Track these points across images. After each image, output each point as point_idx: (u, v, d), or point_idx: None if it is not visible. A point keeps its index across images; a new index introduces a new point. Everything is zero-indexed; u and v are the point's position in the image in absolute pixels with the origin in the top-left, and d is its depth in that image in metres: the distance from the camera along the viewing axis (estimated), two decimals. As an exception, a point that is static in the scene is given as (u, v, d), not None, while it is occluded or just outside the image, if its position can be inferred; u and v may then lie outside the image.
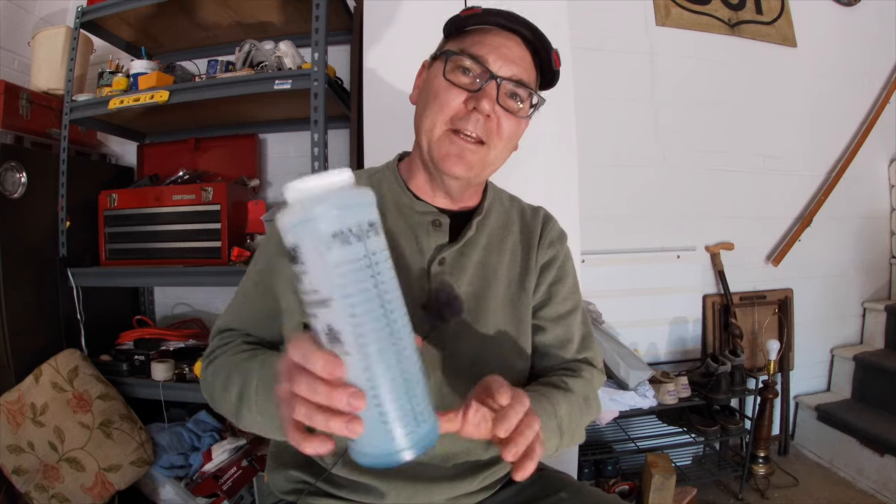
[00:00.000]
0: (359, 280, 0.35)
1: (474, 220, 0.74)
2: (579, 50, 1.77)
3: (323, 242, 0.34)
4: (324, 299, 0.35)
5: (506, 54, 0.66)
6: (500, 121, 0.67)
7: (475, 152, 0.67)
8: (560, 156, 1.46)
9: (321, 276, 0.35)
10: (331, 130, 1.48)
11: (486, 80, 0.65)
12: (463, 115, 0.66)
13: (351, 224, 0.35)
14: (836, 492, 1.82)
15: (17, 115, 1.66)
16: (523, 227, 0.80)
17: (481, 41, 0.67)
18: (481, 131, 0.66)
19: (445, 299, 0.68)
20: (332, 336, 0.36)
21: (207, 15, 1.75)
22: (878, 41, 2.30)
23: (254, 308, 0.73)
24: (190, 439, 1.64)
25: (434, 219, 0.72)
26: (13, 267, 1.56)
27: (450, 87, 0.66)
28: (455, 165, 0.67)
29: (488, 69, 0.66)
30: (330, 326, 0.36)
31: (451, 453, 0.71)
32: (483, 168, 0.70)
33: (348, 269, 0.35)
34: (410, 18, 1.44)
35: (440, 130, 0.67)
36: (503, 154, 0.71)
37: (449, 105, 0.66)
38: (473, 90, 0.66)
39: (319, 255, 0.35)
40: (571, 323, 0.78)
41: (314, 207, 0.35)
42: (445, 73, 0.67)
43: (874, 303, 2.27)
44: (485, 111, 0.65)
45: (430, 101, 0.68)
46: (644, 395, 1.68)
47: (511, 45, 0.67)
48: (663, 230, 2.07)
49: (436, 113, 0.67)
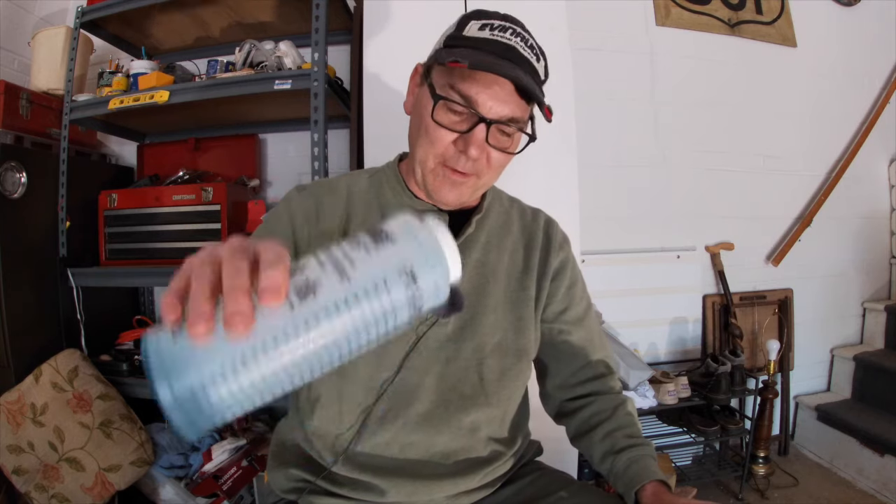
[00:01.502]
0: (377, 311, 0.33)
1: (474, 218, 0.75)
2: (579, 50, 1.77)
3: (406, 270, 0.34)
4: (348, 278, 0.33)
5: (497, 93, 0.63)
6: (489, 157, 0.67)
7: (465, 183, 0.68)
8: (560, 156, 1.46)
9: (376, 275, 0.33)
10: (331, 130, 1.48)
11: (475, 122, 0.64)
12: (452, 153, 0.66)
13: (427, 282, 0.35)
14: (836, 492, 1.82)
15: (17, 115, 1.66)
16: (523, 228, 0.80)
17: (472, 76, 0.63)
18: (470, 168, 0.66)
19: None
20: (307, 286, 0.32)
21: (207, 15, 1.75)
22: (878, 41, 2.31)
23: None
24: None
25: None
26: (13, 267, 1.56)
27: (438, 128, 0.65)
28: (448, 195, 0.68)
29: (477, 112, 0.63)
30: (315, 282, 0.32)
31: (452, 451, 0.71)
32: (474, 192, 0.71)
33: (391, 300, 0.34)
34: (410, 18, 1.44)
35: (433, 164, 0.68)
36: (494, 177, 0.72)
37: (438, 143, 0.66)
38: (461, 131, 0.64)
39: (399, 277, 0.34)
40: (589, 323, 0.82)
41: (450, 255, 0.36)
42: (434, 115, 0.65)
43: (874, 303, 2.27)
44: (472, 157, 0.64)
45: (420, 132, 0.68)
46: (644, 395, 1.68)
47: (503, 81, 0.63)
48: (663, 230, 2.07)
49: (427, 148, 0.67)
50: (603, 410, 0.78)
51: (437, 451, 0.70)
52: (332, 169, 1.59)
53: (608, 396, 0.80)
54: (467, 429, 0.71)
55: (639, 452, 0.71)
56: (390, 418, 0.69)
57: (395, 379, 0.68)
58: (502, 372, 0.73)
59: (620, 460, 0.72)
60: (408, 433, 0.69)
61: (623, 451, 0.72)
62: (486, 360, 0.72)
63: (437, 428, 0.70)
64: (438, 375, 0.70)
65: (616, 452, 0.73)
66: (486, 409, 0.72)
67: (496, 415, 0.74)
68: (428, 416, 0.69)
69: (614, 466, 0.72)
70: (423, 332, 0.69)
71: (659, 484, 0.67)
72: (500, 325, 0.73)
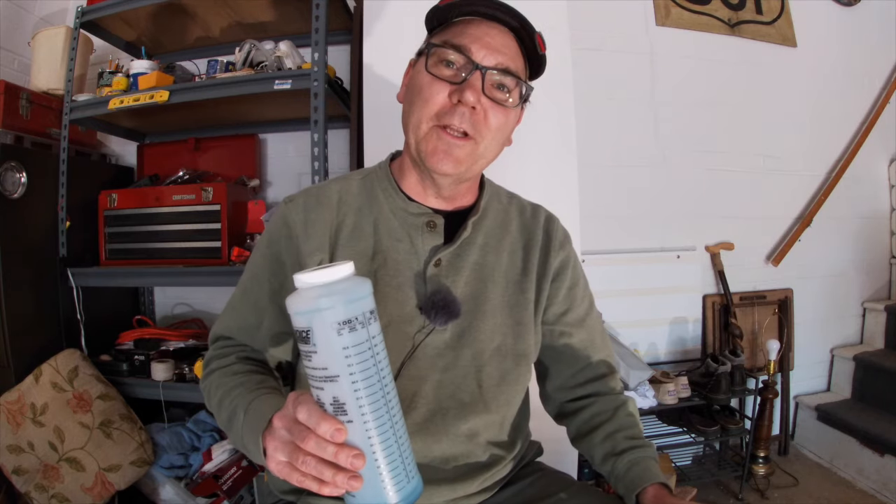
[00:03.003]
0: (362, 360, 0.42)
1: (470, 220, 0.73)
2: (579, 50, 1.77)
3: (334, 329, 0.41)
4: (332, 376, 0.41)
5: (489, 43, 0.64)
6: (486, 112, 0.65)
7: (462, 147, 0.65)
8: (560, 156, 1.46)
9: (330, 357, 0.41)
10: (331, 130, 1.49)
11: (470, 70, 0.63)
12: (448, 109, 0.64)
13: (357, 314, 0.42)
14: (836, 492, 1.82)
15: (17, 115, 1.66)
16: (522, 227, 0.78)
17: (463, 31, 0.65)
18: (468, 125, 0.64)
19: (442, 302, 0.67)
20: (336, 405, 0.42)
21: (207, 15, 1.75)
22: (878, 41, 2.30)
23: (241, 320, 0.74)
24: (190, 439, 1.64)
25: (428, 220, 0.71)
26: (13, 267, 1.56)
27: (433, 81, 0.64)
28: (442, 162, 0.65)
29: (471, 59, 0.63)
30: (335, 398, 0.42)
31: (451, 455, 0.70)
32: (473, 162, 0.68)
33: (354, 351, 0.41)
34: (410, 18, 1.43)
35: (426, 127, 0.65)
36: (493, 147, 0.69)
37: (433, 99, 0.64)
38: (457, 82, 0.64)
39: (330, 340, 0.41)
40: (591, 323, 0.81)
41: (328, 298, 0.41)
42: (428, 67, 0.65)
43: (874, 303, 2.27)
44: (469, 103, 0.63)
45: (414, 97, 0.67)
46: (644, 395, 1.68)
47: (494, 33, 0.65)
48: (663, 230, 2.07)
49: (421, 109, 0.65)
50: (604, 411, 0.77)
51: (436, 456, 0.69)
52: (332, 169, 1.60)
53: (609, 397, 0.79)
54: (465, 435, 0.70)
55: (640, 454, 0.71)
56: None
57: None
58: (501, 377, 0.72)
59: (621, 462, 0.71)
60: None
61: (624, 452, 0.71)
62: (485, 367, 0.70)
63: (435, 436, 0.69)
64: (436, 383, 0.69)
65: (617, 454, 0.72)
66: (484, 416, 0.71)
67: (495, 420, 0.73)
68: (425, 425, 0.68)
69: (615, 468, 0.72)
70: (421, 339, 0.68)
71: (660, 486, 0.66)
72: (499, 329, 0.72)
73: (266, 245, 0.74)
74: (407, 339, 0.68)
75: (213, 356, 0.74)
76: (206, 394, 0.71)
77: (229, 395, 0.65)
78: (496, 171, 0.79)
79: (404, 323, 0.68)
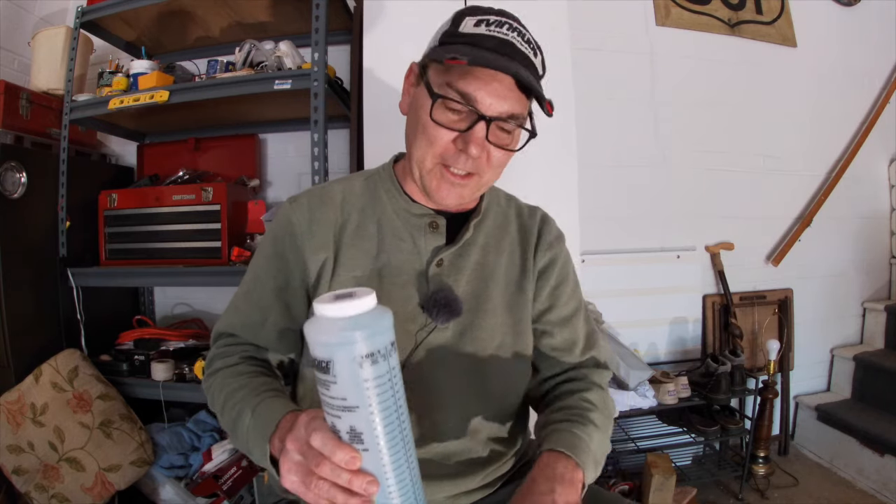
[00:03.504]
0: (382, 392, 0.42)
1: (472, 222, 0.74)
2: (579, 50, 1.77)
3: (357, 362, 0.40)
4: (350, 406, 0.42)
5: (496, 89, 0.62)
6: (490, 155, 0.66)
7: (466, 185, 0.67)
8: (560, 156, 1.46)
9: (351, 389, 0.41)
10: (331, 130, 1.48)
11: (475, 120, 0.62)
12: (452, 153, 0.65)
13: (380, 346, 0.41)
14: (836, 492, 1.82)
15: (17, 115, 1.66)
16: (520, 227, 0.79)
17: (470, 73, 0.61)
18: (471, 167, 0.65)
19: (444, 301, 0.68)
20: (353, 434, 0.42)
21: (207, 15, 1.75)
22: (878, 41, 2.31)
23: (245, 317, 0.74)
24: (190, 439, 1.64)
25: (431, 221, 0.72)
26: (13, 267, 1.56)
27: (437, 127, 0.64)
28: (447, 198, 0.67)
29: (476, 110, 0.62)
30: (353, 427, 0.42)
31: (452, 451, 0.71)
32: (475, 192, 0.70)
33: (374, 383, 0.41)
34: (410, 18, 1.43)
35: (430, 164, 0.66)
36: (495, 177, 0.71)
37: (437, 143, 0.65)
38: (461, 130, 0.63)
39: (351, 372, 0.40)
40: (576, 324, 0.79)
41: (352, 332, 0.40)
42: (432, 115, 0.63)
43: (874, 303, 2.27)
44: (473, 155, 0.63)
45: (418, 132, 0.66)
46: (644, 395, 1.68)
47: (502, 76, 0.61)
48: (663, 230, 2.07)
49: (425, 148, 0.66)
50: (563, 395, 0.75)
51: (438, 451, 0.70)
52: (332, 169, 1.59)
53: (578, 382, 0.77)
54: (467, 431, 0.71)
55: (562, 426, 0.67)
56: None
57: None
58: (502, 375, 0.73)
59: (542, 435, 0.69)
60: None
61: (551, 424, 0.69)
62: (486, 365, 0.71)
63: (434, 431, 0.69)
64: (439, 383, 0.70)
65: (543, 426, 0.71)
66: (485, 413, 0.72)
67: (496, 417, 0.73)
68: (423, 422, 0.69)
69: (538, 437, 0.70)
70: (423, 337, 0.69)
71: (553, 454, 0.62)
72: (500, 328, 0.72)
73: (270, 244, 0.74)
74: (409, 337, 0.69)
75: (217, 355, 0.74)
76: (209, 394, 0.71)
77: (234, 397, 0.65)
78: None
79: (406, 321, 0.69)
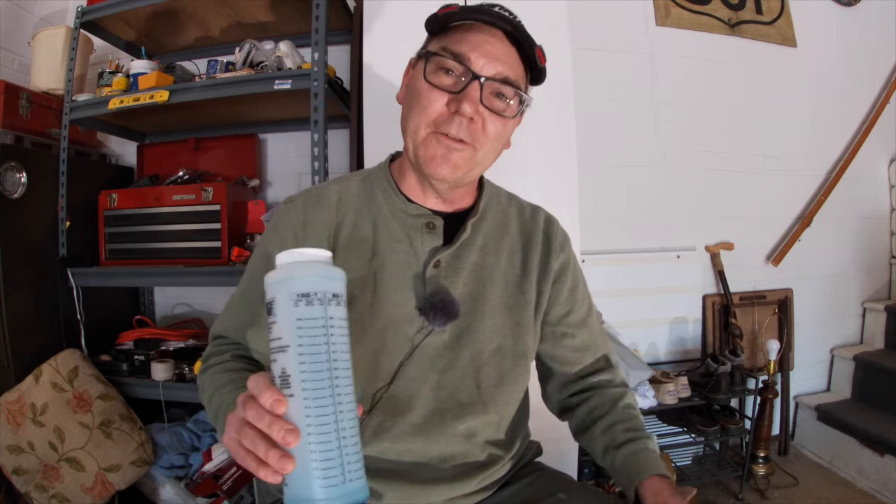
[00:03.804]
0: (313, 336, 0.43)
1: (469, 222, 0.73)
2: (579, 50, 1.77)
3: (291, 299, 0.43)
4: (283, 346, 0.43)
5: (489, 51, 0.63)
6: (485, 122, 0.65)
7: (461, 151, 0.65)
8: (560, 156, 1.46)
9: (285, 326, 0.43)
10: (331, 130, 1.49)
11: (469, 80, 0.63)
12: (446, 117, 0.64)
13: (317, 290, 0.43)
14: (836, 492, 1.82)
15: (17, 115, 1.66)
16: (521, 228, 0.78)
17: (463, 38, 0.64)
18: (465, 134, 0.64)
19: (441, 304, 0.67)
20: (283, 378, 0.43)
21: (207, 15, 1.75)
22: (878, 41, 2.30)
23: (237, 319, 0.75)
24: (190, 439, 1.64)
25: (428, 221, 0.71)
26: (13, 267, 1.56)
27: (431, 89, 0.64)
28: (440, 167, 0.65)
29: (470, 69, 0.63)
30: (283, 370, 0.43)
31: (449, 455, 0.70)
32: (470, 168, 0.68)
33: (306, 324, 0.42)
34: (410, 18, 1.42)
35: (424, 133, 0.65)
36: (491, 154, 0.69)
37: (431, 107, 0.64)
38: (455, 91, 0.64)
39: (286, 309, 0.43)
40: (592, 324, 0.82)
41: (293, 271, 0.44)
42: (426, 75, 0.65)
43: (874, 303, 2.27)
44: (467, 114, 0.63)
45: (413, 102, 0.67)
46: (644, 395, 1.68)
47: (494, 41, 0.64)
48: (663, 230, 2.07)
49: (419, 115, 0.65)
50: (602, 405, 0.78)
51: (434, 455, 0.70)
52: (332, 169, 1.60)
53: (608, 390, 0.80)
54: (463, 435, 0.70)
55: (638, 446, 0.71)
56: (386, 428, 0.68)
57: (389, 389, 0.67)
58: (500, 378, 0.72)
59: (620, 455, 0.71)
60: (403, 442, 0.68)
61: (623, 445, 0.72)
62: (484, 367, 0.71)
63: (433, 437, 0.69)
64: (435, 384, 0.69)
65: (616, 447, 0.72)
66: (483, 416, 0.71)
67: (493, 420, 0.73)
68: (423, 426, 0.68)
69: (615, 461, 0.72)
70: (420, 340, 0.68)
71: (660, 479, 0.66)
72: (499, 330, 0.72)
73: (264, 245, 0.75)
74: (406, 340, 0.68)
75: (211, 353, 0.76)
76: (200, 389, 0.73)
77: (220, 391, 0.66)
78: (496, 172, 0.79)
79: (403, 324, 0.68)
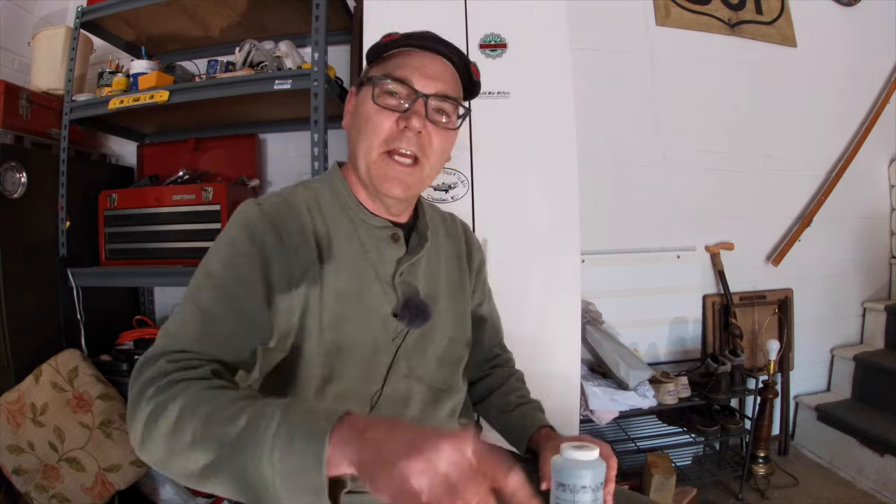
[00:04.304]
0: None
1: (427, 231, 0.80)
2: (579, 50, 1.77)
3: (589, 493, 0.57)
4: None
5: (428, 73, 0.71)
6: (431, 136, 0.71)
7: (412, 174, 0.71)
8: (560, 156, 1.46)
9: None
10: (331, 130, 1.48)
11: (414, 99, 0.70)
12: (396, 134, 0.70)
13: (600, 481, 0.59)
14: (836, 492, 1.82)
15: (17, 115, 1.66)
16: (447, 233, 0.88)
17: (404, 63, 0.71)
18: (415, 147, 0.70)
19: (415, 308, 0.74)
20: None
21: (207, 15, 1.75)
22: (878, 41, 2.31)
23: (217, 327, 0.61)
24: (190, 439, 1.64)
25: (392, 233, 0.76)
26: (13, 267, 1.56)
27: (380, 111, 0.70)
28: (394, 187, 0.71)
29: (414, 89, 0.70)
30: None
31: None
32: (420, 186, 0.75)
33: None
34: (410, 19, 1.43)
35: (377, 153, 0.70)
36: (437, 168, 0.76)
37: (382, 127, 0.70)
38: (402, 110, 0.70)
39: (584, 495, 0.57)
40: (493, 311, 0.98)
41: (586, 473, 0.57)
42: (374, 98, 0.70)
43: (874, 303, 2.27)
44: (415, 128, 0.69)
45: (363, 125, 0.72)
46: (644, 395, 1.68)
47: (431, 63, 0.72)
48: (663, 230, 2.07)
49: (371, 137, 0.70)
50: (498, 378, 0.94)
51: None
52: (332, 169, 1.59)
53: (503, 369, 0.97)
54: (446, 416, 0.80)
55: (528, 408, 0.86)
56: None
57: (384, 389, 0.73)
58: (457, 363, 0.83)
59: (514, 416, 0.85)
60: None
61: (515, 408, 0.86)
62: (446, 357, 0.80)
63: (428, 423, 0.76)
64: (416, 378, 0.76)
65: (510, 411, 0.87)
66: (455, 397, 0.82)
67: (460, 399, 0.85)
68: (420, 417, 0.76)
69: (509, 422, 0.86)
70: (399, 343, 0.74)
71: (549, 429, 0.80)
72: (450, 323, 0.82)
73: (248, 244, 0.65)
74: (388, 345, 0.73)
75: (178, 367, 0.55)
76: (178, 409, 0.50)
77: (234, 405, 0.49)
78: (497, 171, 0.79)
79: (382, 330, 0.73)
